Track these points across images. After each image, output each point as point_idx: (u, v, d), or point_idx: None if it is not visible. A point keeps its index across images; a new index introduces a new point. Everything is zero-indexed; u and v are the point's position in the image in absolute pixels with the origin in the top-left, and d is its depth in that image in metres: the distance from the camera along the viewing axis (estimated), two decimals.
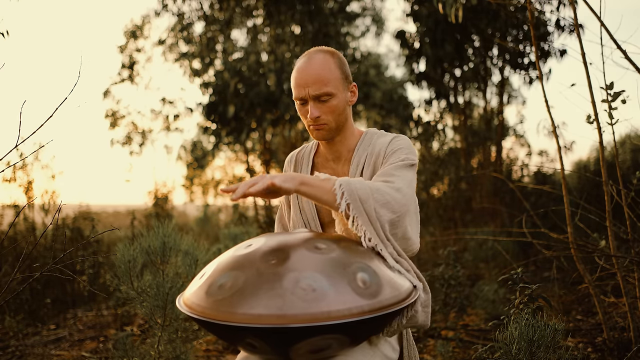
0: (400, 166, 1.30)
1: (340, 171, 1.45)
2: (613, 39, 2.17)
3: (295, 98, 1.37)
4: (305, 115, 1.36)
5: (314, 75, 1.32)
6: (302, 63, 1.35)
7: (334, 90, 1.33)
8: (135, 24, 10.69)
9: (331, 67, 1.34)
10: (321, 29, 8.64)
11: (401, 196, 1.20)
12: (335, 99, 1.34)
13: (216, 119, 8.45)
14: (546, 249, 3.16)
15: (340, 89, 1.35)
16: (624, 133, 8.28)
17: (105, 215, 9.53)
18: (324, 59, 1.34)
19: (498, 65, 7.42)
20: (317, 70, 1.32)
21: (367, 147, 1.42)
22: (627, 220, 2.33)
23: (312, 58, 1.35)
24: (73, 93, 1.61)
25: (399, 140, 1.39)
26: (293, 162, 1.56)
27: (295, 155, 1.56)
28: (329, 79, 1.32)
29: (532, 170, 6.72)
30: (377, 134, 1.45)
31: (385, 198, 1.17)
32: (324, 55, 1.35)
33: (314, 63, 1.33)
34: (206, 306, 0.95)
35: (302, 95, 1.34)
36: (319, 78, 1.31)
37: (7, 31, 2.14)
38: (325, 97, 1.32)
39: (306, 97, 1.33)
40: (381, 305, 0.95)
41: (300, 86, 1.34)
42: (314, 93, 1.32)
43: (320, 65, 1.33)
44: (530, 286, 1.89)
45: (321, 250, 1.03)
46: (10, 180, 4.59)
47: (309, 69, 1.33)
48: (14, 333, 3.34)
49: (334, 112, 1.35)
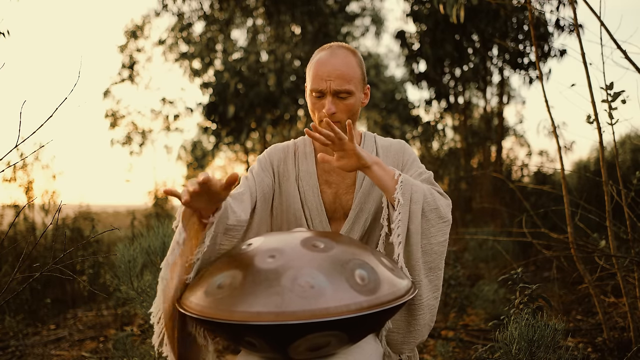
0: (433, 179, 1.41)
1: None
2: (613, 39, 2.17)
3: (312, 90, 1.33)
4: (320, 109, 1.33)
5: (337, 70, 1.29)
6: (325, 55, 1.32)
7: (354, 89, 1.31)
8: (136, 24, 10.70)
9: (353, 65, 1.32)
10: (321, 29, 8.64)
11: (448, 206, 1.33)
12: (353, 98, 1.32)
13: (216, 119, 8.45)
14: (546, 249, 3.16)
15: (359, 88, 1.34)
16: (624, 133, 8.29)
17: (105, 215, 9.51)
18: (347, 56, 1.32)
19: (498, 65, 7.42)
20: (341, 66, 1.30)
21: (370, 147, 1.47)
22: (627, 220, 2.33)
23: (335, 52, 1.32)
24: (73, 93, 1.61)
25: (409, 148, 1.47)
26: (291, 154, 1.48)
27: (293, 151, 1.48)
28: (352, 77, 1.31)
29: (532, 170, 6.72)
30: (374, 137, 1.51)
31: (436, 202, 1.28)
32: (347, 52, 1.33)
33: (338, 57, 1.31)
34: (205, 305, 0.95)
35: (322, 87, 1.30)
36: (343, 73, 1.29)
37: (8, 31, 2.14)
38: (344, 94, 1.31)
39: (326, 90, 1.30)
40: (380, 301, 0.95)
41: (321, 78, 1.30)
42: (336, 88, 1.29)
43: (344, 61, 1.31)
44: (530, 286, 1.89)
45: (319, 248, 1.03)
46: (10, 180, 4.59)
47: (333, 62, 1.30)
48: (14, 333, 3.34)
49: (350, 110, 1.33)
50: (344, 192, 1.43)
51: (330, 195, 1.43)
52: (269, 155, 1.49)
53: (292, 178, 1.45)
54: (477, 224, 6.27)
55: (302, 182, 1.45)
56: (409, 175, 1.37)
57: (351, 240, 1.14)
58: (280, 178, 1.46)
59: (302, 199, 1.43)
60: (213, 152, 11.34)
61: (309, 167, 1.45)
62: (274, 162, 1.47)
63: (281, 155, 1.48)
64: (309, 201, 1.42)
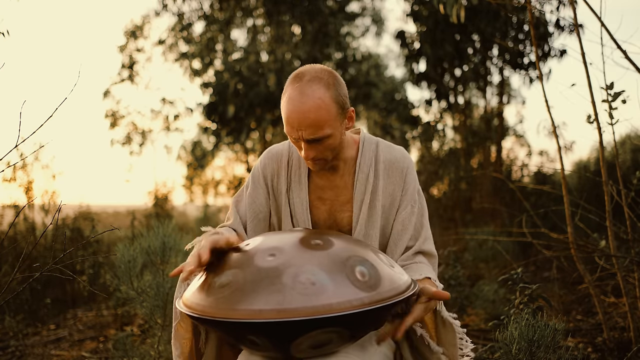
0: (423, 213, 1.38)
1: (340, 183, 1.38)
2: (613, 39, 2.17)
3: (287, 134, 1.24)
4: (299, 149, 1.27)
5: (308, 119, 1.18)
6: (295, 100, 1.19)
7: (330, 131, 1.21)
8: (135, 24, 10.69)
9: (327, 105, 1.19)
10: (321, 29, 8.64)
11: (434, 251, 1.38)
12: (331, 139, 1.23)
13: (216, 119, 8.45)
14: (546, 249, 3.16)
15: (337, 125, 1.23)
16: (624, 133, 8.29)
17: (105, 215, 9.51)
18: (320, 96, 1.18)
19: (498, 65, 7.42)
20: (312, 114, 1.17)
21: (369, 160, 1.36)
22: (627, 220, 2.33)
23: (305, 94, 1.18)
24: (73, 93, 1.61)
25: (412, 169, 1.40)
26: (284, 164, 1.41)
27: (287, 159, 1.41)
28: (325, 121, 1.19)
29: (532, 170, 6.72)
30: (377, 145, 1.39)
31: None
32: (319, 88, 1.19)
33: (309, 103, 1.17)
34: (206, 305, 0.95)
35: (294, 136, 1.22)
36: (314, 122, 1.18)
37: (7, 31, 2.14)
38: (320, 139, 1.21)
39: (299, 138, 1.22)
40: (381, 297, 0.95)
41: (292, 127, 1.20)
42: (308, 137, 1.20)
43: (315, 106, 1.17)
44: (530, 286, 1.89)
45: (319, 245, 1.03)
46: (10, 180, 4.59)
47: (303, 109, 1.18)
48: (14, 333, 3.34)
49: (331, 149, 1.26)
50: (338, 210, 1.37)
51: (324, 212, 1.38)
52: (263, 168, 1.42)
53: (283, 190, 1.39)
54: (477, 224, 6.27)
55: (292, 195, 1.38)
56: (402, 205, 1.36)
57: (350, 238, 1.14)
58: (275, 192, 1.41)
59: (292, 213, 1.38)
60: (213, 152, 11.33)
61: (300, 179, 1.38)
62: (267, 176, 1.41)
63: (274, 166, 1.41)
64: (298, 214, 1.36)
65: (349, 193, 1.36)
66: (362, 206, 1.34)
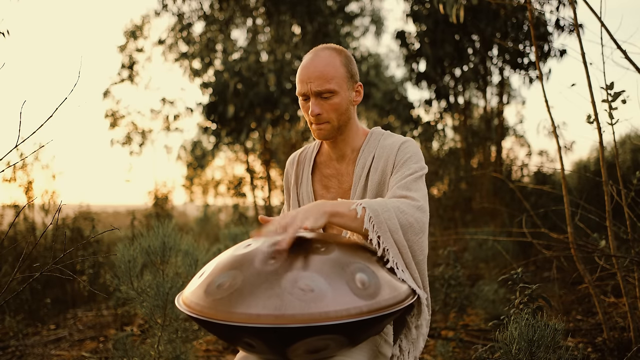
0: (417, 178, 1.28)
1: (344, 171, 1.43)
2: (613, 39, 2.17)
3: (298, 93, 1.36)
4: (307, 111, 1.35)
5: (317, 71, 1.30)
6: (308, 59, 1.34)
7: (337, 88, 1.31)
8: (135, 24, 10.69)
9: (336, 64, 1.32)
10: (321, 29, 8.64)
11: (422, 214, 1.20)
12: (337, 97, 1.32)
13: (216, 119, 8.44)
14: (546, 249, 3.16)
15: (344, 87, 1.33)
16: (624, 133, 8.28)
17: (105, 215, 9.52)
18: (330, 55, 1.33)
19: (498, 65, 7.42)
20: (321, 67, 1.31)
21: (373, 148, 1.39)
22: (627, 220, 2.33)
23: (317, 54, 1.34)
24: (73, 93, 1.61)
25: (408, 146, 1.35)
26: (295, 163, 1.53)
27: (298, 156, 1.54)
28: (333, 76, 1.30)
29: (532, 170, 6.71)
30: (382, 135, 1.42)
31: (408, 220, 1.17)
32: (330, 52, 1.34)
33: (319, 59, 1.32)
34: (205, 305, 0.95)
35: (304, 90, 1.32)
36: (322, 74, 1.30)
37: (8, 31, 2.14)
38: (327, 94, 1.31)
39: (308, 92, 1.32)
40: (380, 306, 0.94)
41: (303, 81, 1.32)
42: (316, 89, 1.30)
43: (324, 62, 1.31)
44: (530, 286, 1.89)
45: (320, 250, 1.02)
46: (10, 180, 4.59)
47: (313, 64, 1.31)
48: (14, 333, 3.34)
49: (336, 110, 1.33)
50: (342, 197, 1.42)
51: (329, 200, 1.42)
52: (285, 175, 1.57)
53: (295, 185, 1.50)
54: (477, 224, 6.27)
55: (301, 189, 1.47)
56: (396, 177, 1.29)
57: (352, 243, 1.13)
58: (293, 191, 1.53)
59: (300, 205, 1.45)
60: (213, 152, 11.33)
61: (306, 172, 1.48)
62: (289, 181, 1.54)
63: (290, 169, 1.55)
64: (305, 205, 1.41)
65: (351, 180, 1.41)
66: (357, 189, 1.37)
